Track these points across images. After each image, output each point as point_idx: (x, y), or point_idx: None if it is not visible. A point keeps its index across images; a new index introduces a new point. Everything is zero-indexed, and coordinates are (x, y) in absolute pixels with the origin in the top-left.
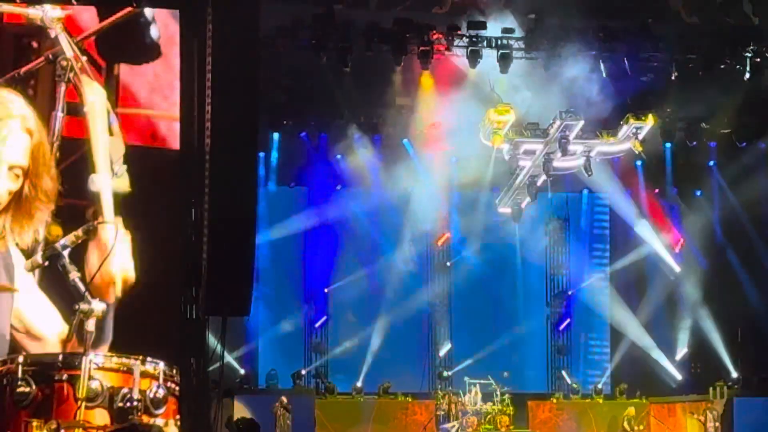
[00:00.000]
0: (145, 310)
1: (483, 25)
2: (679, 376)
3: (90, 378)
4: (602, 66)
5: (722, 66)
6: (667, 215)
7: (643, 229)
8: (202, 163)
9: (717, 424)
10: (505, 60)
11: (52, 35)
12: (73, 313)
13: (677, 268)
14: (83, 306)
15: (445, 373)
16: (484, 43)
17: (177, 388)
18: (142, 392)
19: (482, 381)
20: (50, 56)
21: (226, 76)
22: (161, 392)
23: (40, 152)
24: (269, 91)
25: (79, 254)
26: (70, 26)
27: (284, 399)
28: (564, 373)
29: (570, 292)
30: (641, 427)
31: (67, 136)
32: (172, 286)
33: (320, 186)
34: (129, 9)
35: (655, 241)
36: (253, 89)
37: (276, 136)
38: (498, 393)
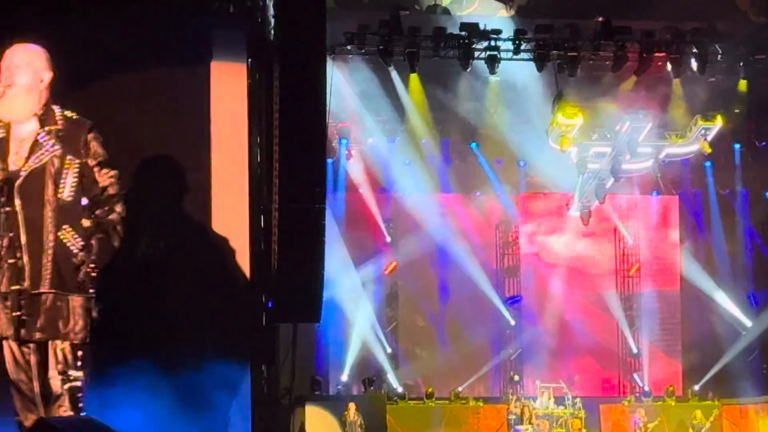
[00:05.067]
0: (217, 318)
1: (550, 29)
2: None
3: None
4: (669, 67)
5: None
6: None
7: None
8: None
9: None
10: (572, 63)
11: None
12: None
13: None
14: None
15: (515, 377)
16: (551, 47)
17: None
18: None
19: (553, 385)
20: None
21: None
22: None
23: None
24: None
25: None
26: None
27: (353, 406)
28: (636, 375)
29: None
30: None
31: None
32: (242, 295)
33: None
34: None
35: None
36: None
37: (344, 141)
38: (570, 396)
